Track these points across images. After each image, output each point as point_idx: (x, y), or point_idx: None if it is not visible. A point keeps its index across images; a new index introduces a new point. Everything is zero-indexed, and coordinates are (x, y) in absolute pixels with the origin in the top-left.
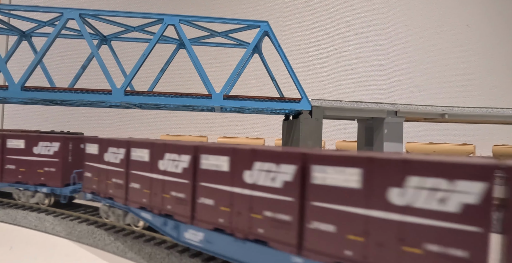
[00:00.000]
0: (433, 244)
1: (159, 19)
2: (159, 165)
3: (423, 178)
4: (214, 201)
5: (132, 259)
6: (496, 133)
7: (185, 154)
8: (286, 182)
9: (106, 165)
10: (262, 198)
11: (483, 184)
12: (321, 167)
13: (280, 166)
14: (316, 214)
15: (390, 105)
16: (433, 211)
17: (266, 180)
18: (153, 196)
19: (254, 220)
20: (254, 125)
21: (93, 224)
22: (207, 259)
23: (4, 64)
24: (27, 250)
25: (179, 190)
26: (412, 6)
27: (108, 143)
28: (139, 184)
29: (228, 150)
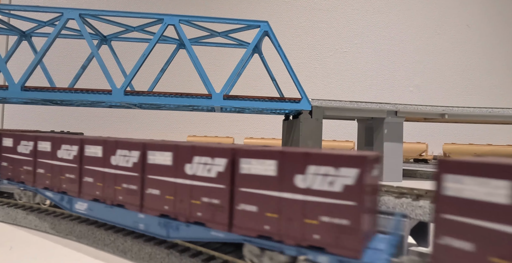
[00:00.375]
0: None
1: (159, 19)
2: (57, 154)
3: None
4: (93, 179)
5: (132, 259)
6: (496, 133)
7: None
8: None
9: (18, 155)
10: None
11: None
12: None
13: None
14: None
15: (390, 105)
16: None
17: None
18: (53, 179)
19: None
20: (254, 125)
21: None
22: (207, 259)
23: (4, 64)
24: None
25: (71, 173)
26: (412, 6)
27: (20, 137)
28: (43, 169)
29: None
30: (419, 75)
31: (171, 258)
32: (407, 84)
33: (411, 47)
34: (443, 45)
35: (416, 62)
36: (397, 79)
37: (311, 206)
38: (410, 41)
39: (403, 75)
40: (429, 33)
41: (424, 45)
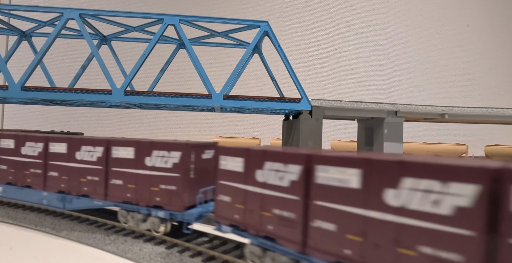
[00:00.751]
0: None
1: (159, 19)
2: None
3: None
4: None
5: (132, 259)
6: (496, 133)
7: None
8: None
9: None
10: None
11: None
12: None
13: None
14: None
15: (390, 105)
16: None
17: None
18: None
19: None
20: (254, 125)
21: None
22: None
23: (4, 64)
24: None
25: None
26: (412, 6)
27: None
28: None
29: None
30: (419, 75)
31: (171, 258)
32: (407, 84)
33: (411, 47)
34: (443, 45)
35: (416, 62)
36: (397, 79)
37: (156, 179)
38: (410, 41)
39: (403, 75)
40: (429, 33)
41: (424, 45)
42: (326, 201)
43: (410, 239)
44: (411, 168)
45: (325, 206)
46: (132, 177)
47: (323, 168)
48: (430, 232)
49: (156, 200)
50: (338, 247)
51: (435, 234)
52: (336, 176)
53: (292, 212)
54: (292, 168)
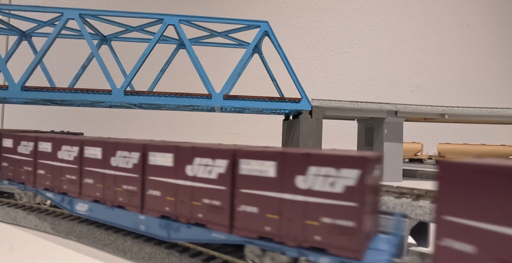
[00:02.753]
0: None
1: (159, 19)
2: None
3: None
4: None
5: (132, 259)
6: (496, 133)
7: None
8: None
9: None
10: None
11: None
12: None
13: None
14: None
15: (390, 105)
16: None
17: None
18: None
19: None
20: (254, 125)
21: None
22: (207, 259)
23: (4, 64)
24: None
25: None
26: (412, 6)
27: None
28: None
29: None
30: (419, 75)
31: (171, 258)
32: (407, 84)
33: (411, 47)
34: (443, 45)
35: (416, 62)
36: (397, 79)
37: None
38: (410, 41)
39: (403, 75)
40: (429, 33)
41: (424, 45)
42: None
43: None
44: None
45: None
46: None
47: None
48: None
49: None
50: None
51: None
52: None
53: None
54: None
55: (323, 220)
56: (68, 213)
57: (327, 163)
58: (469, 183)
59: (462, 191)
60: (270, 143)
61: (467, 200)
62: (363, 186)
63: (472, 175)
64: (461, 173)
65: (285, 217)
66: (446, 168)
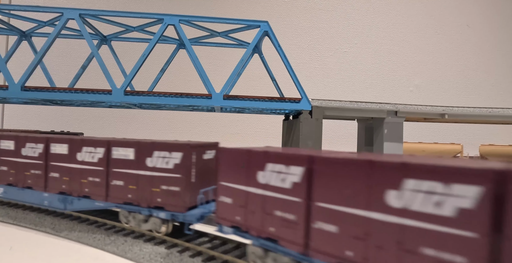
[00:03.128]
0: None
1: (159, 19)
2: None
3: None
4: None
5: (132, 259)
6: (497, 133)
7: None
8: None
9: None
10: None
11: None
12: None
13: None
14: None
15: (390, 105)
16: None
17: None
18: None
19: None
20: (254, 125)
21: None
22: (207, 259)
23: (4, 64)
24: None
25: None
26: (412, 6)
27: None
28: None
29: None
30: (419, 75)
31: (171, 258)
32: (407, 84)
33: (411, 47)
34: (443, 45)
35: (416, 62)
36: (397, 79)
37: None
38: (410, 41)
39: (403, 75)
40: (429, 33)
41: (424, 45)
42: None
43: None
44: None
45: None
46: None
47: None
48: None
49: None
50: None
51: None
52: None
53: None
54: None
55: (162, 187)
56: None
57: (163, 148)
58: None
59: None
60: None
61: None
62: (187, 164)
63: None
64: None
65: (140, 187)
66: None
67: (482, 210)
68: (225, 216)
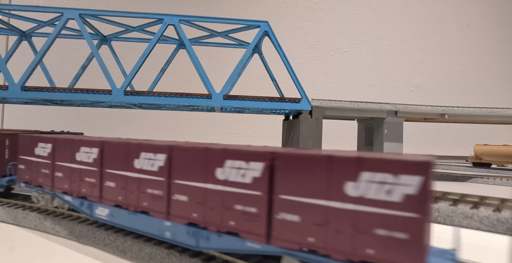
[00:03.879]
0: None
1: (159, 19)
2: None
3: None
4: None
5: (132, 259)
6: (496, 133)
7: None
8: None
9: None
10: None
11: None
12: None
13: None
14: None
15: (390, 105)
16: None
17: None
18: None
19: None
20: (254, 125)
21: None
22: (207, 259)
23: (4, 64)
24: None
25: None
26: (412, 6)
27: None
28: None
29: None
30: (419, 75)
31: (171, 258)
32: (407, 84)
33: (411, 47)
34: (443, 45)
35: (416, 62)
36: (397, 79)
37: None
38: (410, 41)
39: (403, 75)
40: (429, 33)
41: (424, 45)
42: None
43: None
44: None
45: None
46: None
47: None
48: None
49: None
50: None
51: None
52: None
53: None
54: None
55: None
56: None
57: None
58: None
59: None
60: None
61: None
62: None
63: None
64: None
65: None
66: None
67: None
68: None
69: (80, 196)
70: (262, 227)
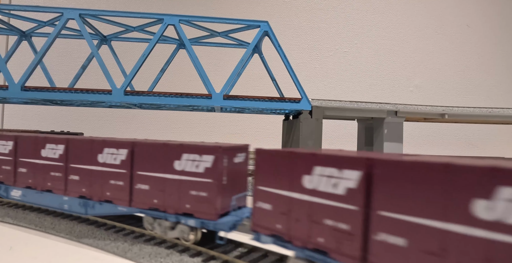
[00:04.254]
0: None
1: (159, 19)
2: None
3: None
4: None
5: (132, 259)
6: (496, 133)
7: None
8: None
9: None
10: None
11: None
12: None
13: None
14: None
15: (390, 105)
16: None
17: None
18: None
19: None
20: (254, 125)
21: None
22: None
23: (4, 64)
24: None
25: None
26: (412, 6)
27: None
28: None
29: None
30: (419, 75)
31: (171, 258)
32: (407, 84)
33: (411, 47)
34: (443, 45)
35: (416, 62)
36: (397, 79)
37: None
38: (410, 41)
39: (403, 75)
40: (429, 33)
41: (424, 45)
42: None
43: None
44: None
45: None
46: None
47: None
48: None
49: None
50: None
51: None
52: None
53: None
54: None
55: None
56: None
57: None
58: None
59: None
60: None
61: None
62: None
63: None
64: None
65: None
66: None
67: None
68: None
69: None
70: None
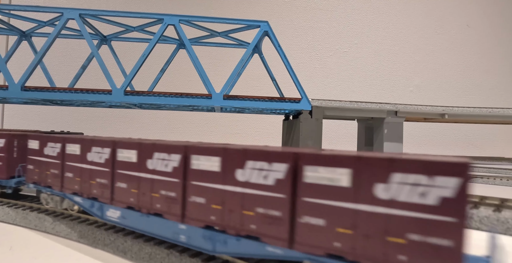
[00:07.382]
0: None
1: (159, 19)
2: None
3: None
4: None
5: (132, 259)
6: (496, 133)
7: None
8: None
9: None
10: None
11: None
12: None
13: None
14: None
15: (390, 105)
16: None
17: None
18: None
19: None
20: (254, 125)
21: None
22: (207, 259)
23: (4, 64)
24: (27, 250)
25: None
26: (412, 6)
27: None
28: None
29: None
30: (419, 75)
31: (171, 258)
32: (407, 84)
33: (411, 47)
34: (443, 45)
35: (416, 62)
36: (397, 79)
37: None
38: (410, 41)
39: (403, 75)
40: (429, 33)
41: (424, 45)
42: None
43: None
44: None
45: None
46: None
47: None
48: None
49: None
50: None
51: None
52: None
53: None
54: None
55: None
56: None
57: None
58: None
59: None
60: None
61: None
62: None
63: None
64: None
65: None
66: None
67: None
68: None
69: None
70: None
